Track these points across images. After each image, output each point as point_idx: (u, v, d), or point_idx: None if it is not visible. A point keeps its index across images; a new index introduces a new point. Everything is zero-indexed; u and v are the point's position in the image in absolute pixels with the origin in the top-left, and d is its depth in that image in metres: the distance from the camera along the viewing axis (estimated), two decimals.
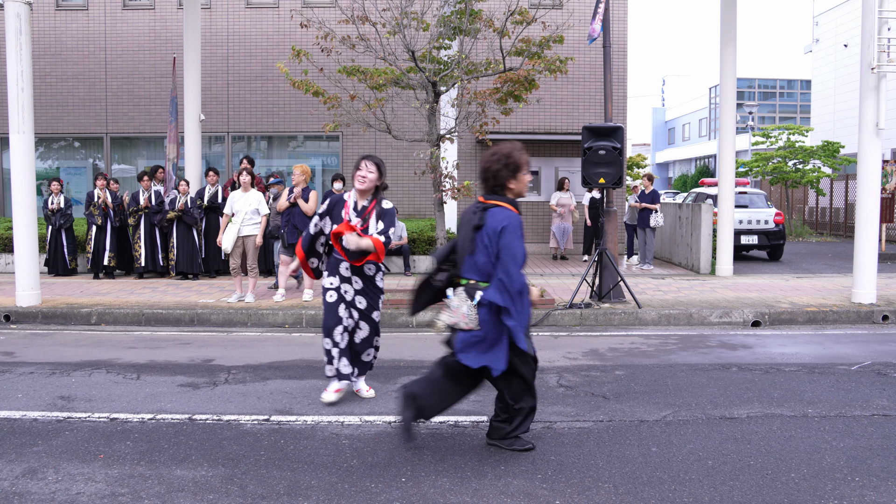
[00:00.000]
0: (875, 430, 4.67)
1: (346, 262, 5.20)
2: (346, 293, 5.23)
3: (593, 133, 9.06)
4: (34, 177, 9.21)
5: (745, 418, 4.91)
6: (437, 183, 8.92)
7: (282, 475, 3.97)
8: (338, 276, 5.24)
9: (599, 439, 4.52)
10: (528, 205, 16.75)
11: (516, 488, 3.78)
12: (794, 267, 14.07)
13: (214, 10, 16.37)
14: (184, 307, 9.00)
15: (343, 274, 5.23)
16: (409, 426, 4.18)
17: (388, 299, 8.89)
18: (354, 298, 5.25)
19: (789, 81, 52.75)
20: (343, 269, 5.22)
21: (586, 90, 16.46)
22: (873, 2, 8.85)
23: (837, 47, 29.67)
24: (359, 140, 16.22)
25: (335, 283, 5.23)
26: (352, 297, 5.24)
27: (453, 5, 9.03)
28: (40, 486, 3.81)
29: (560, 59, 9.13)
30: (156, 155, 16.84)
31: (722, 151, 12.26)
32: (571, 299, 8.91)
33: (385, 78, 9.03)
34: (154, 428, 4.76)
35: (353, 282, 5.24)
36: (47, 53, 16.37)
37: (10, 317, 8.85)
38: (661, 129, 63.04)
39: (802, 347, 7.32)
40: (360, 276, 5.25)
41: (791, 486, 3.79)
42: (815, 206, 25.68)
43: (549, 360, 6.66)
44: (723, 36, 11.96)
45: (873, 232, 9.20)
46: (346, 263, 5.21)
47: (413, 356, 6.90)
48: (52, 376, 6.10)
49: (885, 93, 9.02)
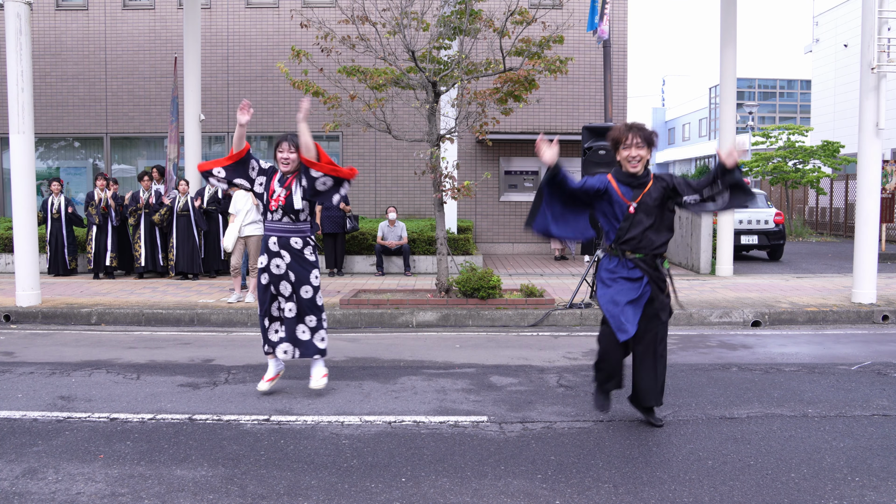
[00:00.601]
0: (875, 430, 4.67)
1: (273, 236, 5.33)
2: (277, 268, 5.33)
3: (593, 133, 9.07)
4: (34, 177, 9.21)
5: (745, 418, 4.91)
6: (437, 183, 8.92)
7: (282, 475, 3.97)
8: (266, 252, 5.36)
9: (599, 439, 4.52)
10: (527, 205, 16.73)
11: (516, 488, 3.78)
12: (794, 267, 14.07)
13: (214, 10, 16.37)
14: (184, 307, 9.00)
15: (271, 249, 5.34)
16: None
17: (389, 299, 8.90)
18: (287, 272, 5.33)
19: (789, 81, 52.77)
20: (271, 245, 5.34)
21: (586, 90, 16.46)
22: (873, 2, 8.85)
23: (837, 47, 29.67)
24: (359, 140, 16.23)
25: (264, 261, 5.36)
26: (284, 271, 5.33)
27: (453, 5, 9.03)
28: (40, 486, 3.82)
29: (560, 59, 9.12)
30: (156, 155, 16.85)
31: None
32: (571, 299, 8.91)
33: (385, 78, 9.03)
34: (154, 428, 4.76)
35: (282, 255, 5.33)
36: (47, 53, 16.37)
37: (10, 317, 8.85)
38: (661, 129, 63.05)
39: (802, 347, 7.32)
40: (287, 249, 5.33)
41: (791, 486, 3.79)
42: (815, 206, 25.67)
43: (549, 360, 6.67)
44: (723, 36, 11.96)
45: (873, 232, 9.20)
46: (273, 238, 5.33)
47: (413, 356, 6.90)
48: (52, 376, 6.10)
49: (885, 93, 9.02)
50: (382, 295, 9.24)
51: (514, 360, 6.68)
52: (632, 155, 4.54)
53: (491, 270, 9.01)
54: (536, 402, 5.32)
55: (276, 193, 5.29)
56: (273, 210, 5.32)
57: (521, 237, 16.77)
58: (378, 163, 16.44)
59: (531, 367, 6.40)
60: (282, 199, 5.26)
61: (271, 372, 5.62)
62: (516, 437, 4.57)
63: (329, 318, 8.60)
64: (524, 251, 16.72)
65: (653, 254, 4.58)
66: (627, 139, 4.53)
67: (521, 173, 16.85)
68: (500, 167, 16.72)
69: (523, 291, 9.16)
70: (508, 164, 16.77)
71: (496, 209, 16.74)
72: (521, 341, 7.64)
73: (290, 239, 5.34)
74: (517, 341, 7.64)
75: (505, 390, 5.64)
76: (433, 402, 5.31)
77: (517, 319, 8.53)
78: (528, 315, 8.56)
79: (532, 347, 7.31)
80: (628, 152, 4.55)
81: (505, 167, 16.76)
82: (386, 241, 12.40)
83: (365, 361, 6.67)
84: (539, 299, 8.89)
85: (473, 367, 6.42)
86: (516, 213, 16.77)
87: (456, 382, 5.88)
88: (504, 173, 16.78)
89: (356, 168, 5.48)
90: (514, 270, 12.97)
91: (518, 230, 16.73)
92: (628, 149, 4.54)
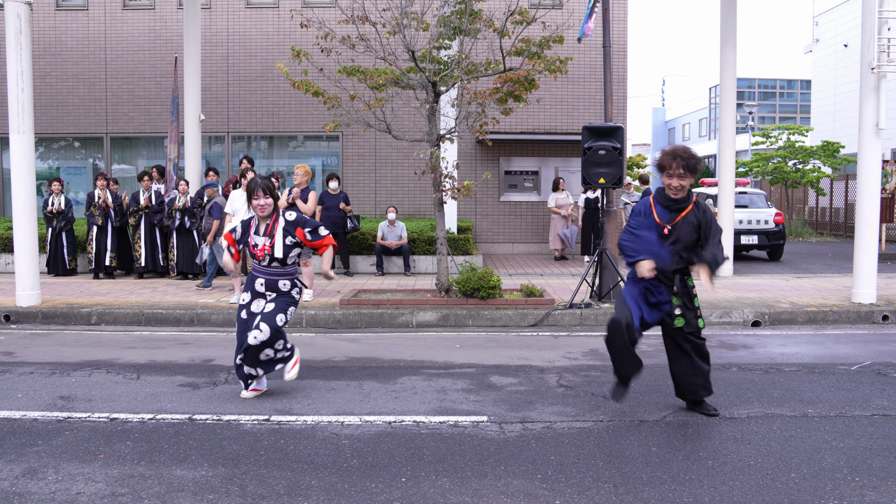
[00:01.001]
0: (875, 430, 4.67)
1: (260, 277, 5.32)
2: (255, 309, 5.32)
3: (593, 133, 9.06)
4: (34, 177, 9.21)
5: (745, 418, 4.91)
6: (437, 183, 8.93)
7: (282, 475, 3.97)
8: (250, 291, 5.36)
9: (599, 439, 4.52)
10: (527, 205, 16.78)
11: (516, 488, 3.79)
12: (794, 267, 14.07)
13: (214, 10, 16.37)
14: (184, 307, 9.00)
15: (257, 290, 5.34)
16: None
17: (389, 299, 8.90)
18: (264, 307, 5.31)
19: (789, 81, 52.76)
20: (258, 286, 5.34)
21: (586, 90, 16.46)
22: (873, 2, 8.86)
23: (837, 47, 29.66)
24: (359, 140, 16.22)
25: (247, 298, 5.36)
26: (261, 309, 5.31)
27: (453, 5, 9.03)
28: (40, 486, 3.82)
29: (560, 59, 9.12)
30: (156, 155, 16.85)
31: (722, 151, 12.26)
32: (571, 299, 8.91)
33: (385, 78, 9.03)
34: (154, 428, 4.76)
35: (267, 296, 5.34)
36: (47, 53, 16.37)
37: (10, 317, 8.85)
38: (661, 129, 63.03)
39: (802, 347, 7.32)
40: (275, 290, 5.33)
41: (791, 486, 3.79)
42: (815, 206, 25.67)
43: (549, 360, 6.67)
44: (723, 36, 11.96)
45: (873, 232, 9.20)
46: (260, 279, 5.33)
47: (413, 356, 6.90)
48: (52, 376, 6.11)
49: (885, 93, 9.03)
50: (382, 295, 9.24)
51: (514, 360, 6.68)
52: (672, 185, 4.78)
53: (491, 270, 9.01)
54: (536, 402, 5.33)
55: (257, 245, 5.26)
56: (260, 259, 5.30)
57: (521, 237, 16.77)
58: (378, 163, 16.43)
59: (531, 367, 6.40)
60: (267, 248, 5.24)
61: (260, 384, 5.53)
62: (516, 437, 4.57)
63: (329, 318, 8.61)
64: (524, 251, 16.72)
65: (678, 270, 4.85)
66: (671, 168, 4.75)
67: (521, 173, 16.85)
68: (500, 167, 16.72)
69: (523, 291, 9.16)
70: (508, 164, 16.77)
71: (496, 209, 16.74)
72: (521, 341, 7.64)
73: (278, 282, 5.34)
74: (517, 341, 7.64)
75: (505, 390, 5.64)
76: (433, 402, 5.31)
77: (517, 319, 8.53)
78: (528, 315, 8.56)
79: (532, 347, 7.31)
80: (670, 181, 4.78)
81: (505, 167, 16.77)
82: (386, 241, 12.40)
83: (365, 361, 6.67)
84: (539, 299, 8.89)
85: (473, 367, 6.42)
86: (516, 213, 16.77)
87: (456, 382, 5.88)
88: (504, 173, 16.78)
89: (357, 169, 5.47)
90: (514, 270, 12.97)
91: (518, 230, 16.73)
92: (670, 178, 4.78)
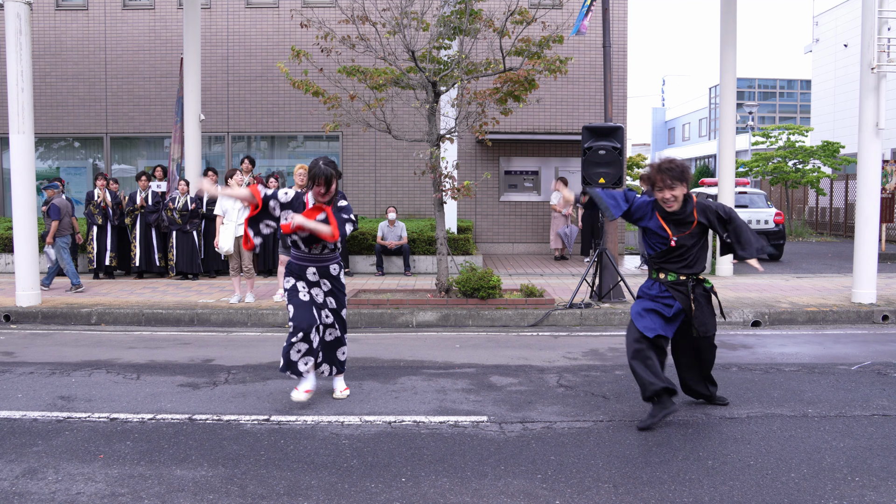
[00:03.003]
0: (875, 430, 4.67)
1: (312, 266, 5.20)
2: (316, 296, 5.26)
3: (593, 133, 9.06)
4: (34, 177, 9.22)
5: (745, 418, 4.91)
6: (437, 183, 8.93)
7: (282, 475, 3.97)
8: (305, 280, 5.23)
9: (599, 439, 4.52)
10: (527, 205, 16.78)
11: (516, 488, 3.78)
12: (794, 267, 14.07)
13: (214, 10, 16.37)
14: (184, 307, 9.00)
15: (311, 279, 5.24)
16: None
17: (389, 299, 8.90)
18: (326, 300, 5.29)
19: (789, 81, 52.77)
20: (310, 275, 5.23)
21: (586, 90, 16.45)
22: (873, 2, 8.85)
23: (837, 47, 29.66)
24: (359, 140, 16.22)
25: (302, 287, 5.22)
26: (323, 300, 5.28)
27: (453, 5, 9.03)
28: (40, 486, 3.82)
29: (560, 59, 9.12)
30: (156, 155, 16.85)
31: (722, 151, 12.26)
32: (571, 299, 8.91)
33: (385, 78, 9.03)
34: (154, 428, 4.76)
35: (322, 284, 5.28)
36: (47, 53, 16.37)
37: (10, 317, 8.85)
38: (661, 129, 63.05)
39: (802, 347, 7.32)
40: (328, 277, 5.28)
41: (791, 486, 3.79)
42: (815, 206, 25.67)
43: (549, 360, 6.67)
44: (723, 36, 11.95)
45: (873, 232, 9.20)
46: (312, 268, 5.21)
47: (413, 356, 6.90)
48: (52, 376, 6.11)
49: (885, 93, 9.02)
50: (382, 295, 9.24)
51: (514, 360, 6.68)
52: (665, 198, 4.71)
53: (491, 270, 9.01)
54: (536, 402, 5.33)
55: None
56: (313, 244, 5.13)
57: (521, 237, 16.77)
58: (378, 163, 16.43)
59: (531, 367, 6.40)
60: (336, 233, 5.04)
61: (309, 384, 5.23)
62: (516, 437, 4.57)
63: None
64: (524, 251, 16.71)
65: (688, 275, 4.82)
66: (661, 181, 4.69)
67: (521, 173, 16.85)
68: (500, 167, 16.72)
69: (523, 291, 9.16)
70: (508, 164, 16.77)
71: (496, 209, 16.74)
72: (521, 341, 7.64)
73: (328, 266, 5.27)
74: (517, 341, 7.64)
75: (505, 390, 5.64)
76: (433, 402, 5.31)
77: (517, 319, 8.53)
78: (528, 315, 8.56)
79: (532, 347, 7.31)
80: (661, 195, 4.72)
81: (505, 167, 16.76)
82: (386, 241, 12.40)
83: (365, 361, 6.67)
84: (539, 299, 8.89)
85: (473, 367, 6.42)
86: (516, 212, 16.76)
87: (456, 382, 5.88)
88: (504, 173, 16.78)
89: (357, 169, 5.43)
90: (514, 270, 12.97)
91: (518, 230, 16.73)
92: (661, 192, 4.71)
